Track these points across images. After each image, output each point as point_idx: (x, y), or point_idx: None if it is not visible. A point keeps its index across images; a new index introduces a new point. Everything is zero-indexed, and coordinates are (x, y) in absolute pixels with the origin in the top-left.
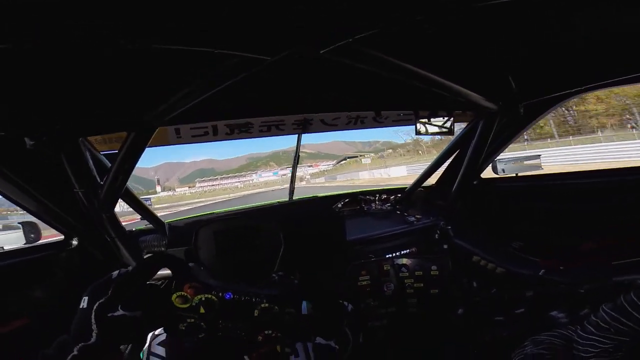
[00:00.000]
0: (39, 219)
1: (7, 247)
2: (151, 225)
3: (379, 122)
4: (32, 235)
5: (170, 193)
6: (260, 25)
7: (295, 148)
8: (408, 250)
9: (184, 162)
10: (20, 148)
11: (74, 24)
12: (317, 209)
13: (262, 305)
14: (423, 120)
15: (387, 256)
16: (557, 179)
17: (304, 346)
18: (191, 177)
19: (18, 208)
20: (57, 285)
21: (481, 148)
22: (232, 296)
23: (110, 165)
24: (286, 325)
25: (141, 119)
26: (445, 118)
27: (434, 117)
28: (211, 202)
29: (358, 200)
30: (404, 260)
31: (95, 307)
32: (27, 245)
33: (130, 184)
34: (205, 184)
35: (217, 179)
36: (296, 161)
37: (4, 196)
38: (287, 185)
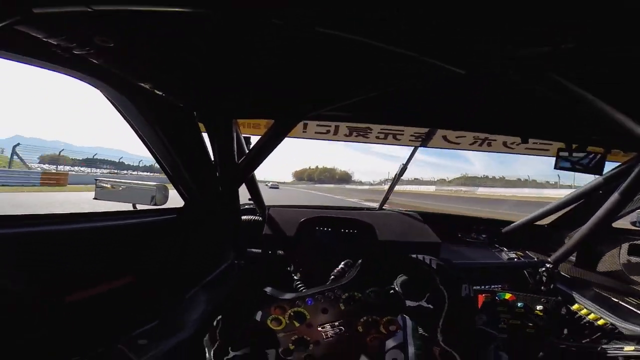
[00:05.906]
0: (171, 181)
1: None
2: (254, 205)
3: (508, 147)
4: (161, 198)
5: None
6: (466, 37)
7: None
8: (499, 286)
9: None
10: (177, 118)
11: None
12: (409, 223)
13: (344, 297)
14: (565, 154)
15: (492, 287)
16: None
17: (402, 317)
18: None
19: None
20: (165, 249)
21: (631, 195)
22: (312, 301)
23: (246, 147)
24: (375, 305)
25: (294, 109)
26: (593, 155)
27: (581, 152)
28: None
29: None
30: (507, 295)
31: (212, 356)
32: (153, 207)
33: None
34: None
35: None
36: (401, 173)
37: (154, 155)
38: None
